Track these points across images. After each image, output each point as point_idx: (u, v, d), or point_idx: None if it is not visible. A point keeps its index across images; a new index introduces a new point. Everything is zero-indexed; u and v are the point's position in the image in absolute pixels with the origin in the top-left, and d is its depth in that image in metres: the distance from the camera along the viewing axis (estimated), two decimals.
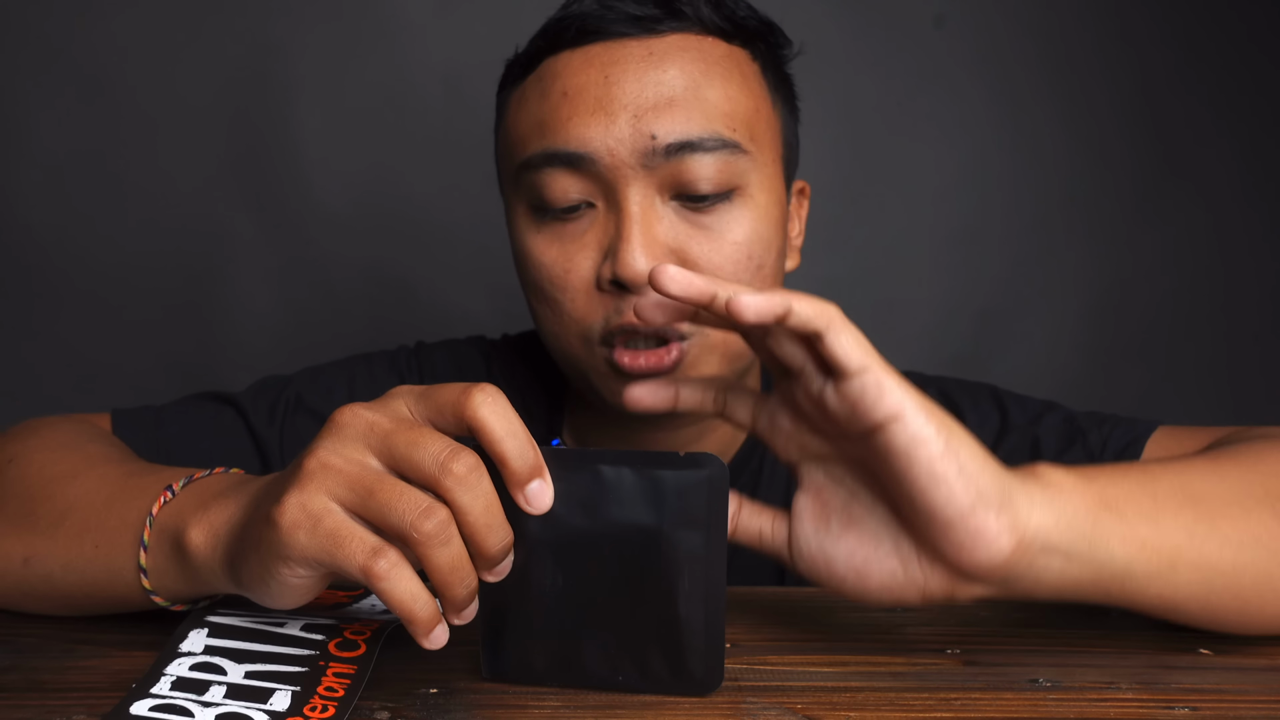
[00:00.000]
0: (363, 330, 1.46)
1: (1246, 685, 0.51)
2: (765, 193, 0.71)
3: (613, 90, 0.68)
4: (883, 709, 0.48)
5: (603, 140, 0.67)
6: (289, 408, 0.81)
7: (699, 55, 0.69)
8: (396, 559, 0.43)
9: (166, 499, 0.53)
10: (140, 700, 0.46)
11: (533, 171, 0.69)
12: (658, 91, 0.68)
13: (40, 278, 1.45)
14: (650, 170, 0.67)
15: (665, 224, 0.69)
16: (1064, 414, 0.78)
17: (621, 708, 0.48)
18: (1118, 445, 0.74)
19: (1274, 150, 1.54)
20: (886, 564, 0.50)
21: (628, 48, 0.69)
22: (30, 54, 1.41)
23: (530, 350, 0.86)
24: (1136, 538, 0.49)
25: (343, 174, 1.45)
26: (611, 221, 0.68)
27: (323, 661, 0.51)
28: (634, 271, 0.66)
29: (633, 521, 0.48)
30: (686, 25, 0.70)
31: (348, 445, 0.45)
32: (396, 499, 0.43)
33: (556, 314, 0.71)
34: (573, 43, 0.70)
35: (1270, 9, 1.51)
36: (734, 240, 0.69)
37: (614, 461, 0.48)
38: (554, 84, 0.69)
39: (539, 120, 0.70)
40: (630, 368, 0.68)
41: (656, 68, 0.68)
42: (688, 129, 0.67)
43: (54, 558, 0.56)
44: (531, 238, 0.71)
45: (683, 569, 0.48)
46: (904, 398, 0.46)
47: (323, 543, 0.44)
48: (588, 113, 0.67)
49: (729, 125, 0.69)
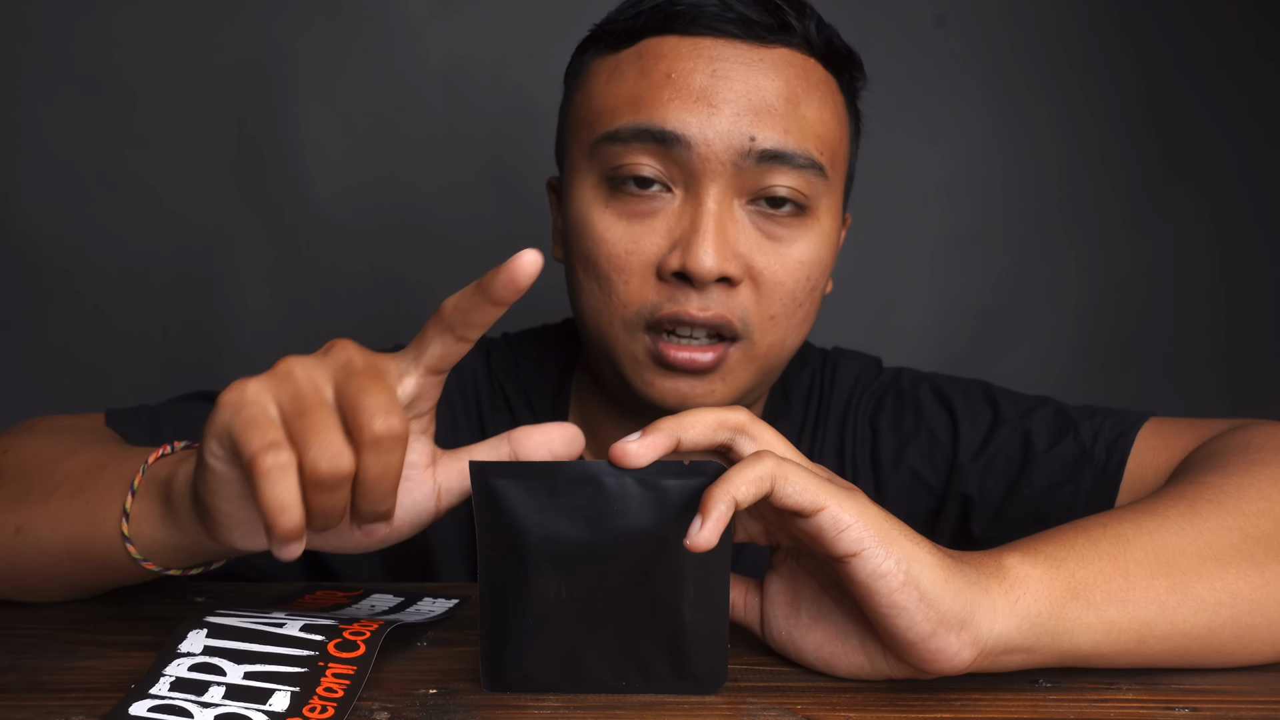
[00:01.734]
0: (362, 331, 1.46)
1: (1246, 685, 0.51)
2: (830, 218, 0.73)
3: (719, 84, 0.68)
4: (882, 709, 0.48)
5: (701, 129, 0.67)
6: None
7: (802, 73, 0.70)
8: (286, 462, 0.42)
9: (165, 453, 0.55)
10: (139, 701, 0.46)
11: (619, 144, 0.69)
12: (761, 97, 0.68)
13: (38, 279, 1.45)
14: (738, 170, 0.68)
15: (739, 227, 0.69)
16: (1055, 407, 0.79)
17: (622, 708, 0.48)
18: (1109, 437, 0.74)
19: (1274, 150, 1.54)
20: (854, 658, 0.51)
21: (736, 49, 0.69)
22: (30, 54, 1.41)
23: (533, 348, 0.86)
24: (1103, 622, 0.50)
25: (342, 174, 1.45)
26: (687, 212, 0.69)
27: (322, 662, 0.51)
28: (704, 268, 0.66)
29: (637, 531, 0.48)
30: (792, 41, 0.70)
31: (317, 368, 0.46)
32: (317, 431, 0.43)
33: (605, 292, 0.71)
34: (682, 29, 0.70)
35: (1270, 9, 1.51)
36: (798, 259, 0.70)
37: (617, 472, 0.48)
38: (657, 64, 0.69)
39: (635, 95, 0.69)
40: (672, 359, 0.69)
41: (763, 74, 0.69)
42: (784, 140, 0.68)
43: (44, 521, 0.57)
44: (598, 211, 0.70)
45: (688, 576, 0.48)
46: (862, 534, 0.47)
47: (236, 423, 0.44)
48: (691, 99, 0.68)
49: (819, 147, 0.70)
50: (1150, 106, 1.51)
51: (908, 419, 0.81)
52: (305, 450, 0.43)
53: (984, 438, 0.79)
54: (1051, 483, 0.75)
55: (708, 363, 0.69)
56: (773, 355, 0.72)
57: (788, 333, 0.72)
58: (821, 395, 0.84)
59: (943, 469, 0.79)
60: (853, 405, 0.83)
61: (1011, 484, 0.77)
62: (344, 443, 0.43)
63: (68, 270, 1.45)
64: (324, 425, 0.43)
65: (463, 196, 1.44)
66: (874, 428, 0.82)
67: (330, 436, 0.43)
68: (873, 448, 0.82)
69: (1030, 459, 0.76)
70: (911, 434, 0.81)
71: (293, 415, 0.44)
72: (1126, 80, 1.51)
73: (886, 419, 0.82)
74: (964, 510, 0.79)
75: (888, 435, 0.81)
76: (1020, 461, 0.77)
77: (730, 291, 0.69)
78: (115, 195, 1.43)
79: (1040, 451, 0.76)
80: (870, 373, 0.85)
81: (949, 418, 0.80)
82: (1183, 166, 1.53)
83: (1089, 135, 1.51)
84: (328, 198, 1.45)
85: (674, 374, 0.70)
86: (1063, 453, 0.75)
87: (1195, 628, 0.51)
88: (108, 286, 1.45)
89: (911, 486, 0.80)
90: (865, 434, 0.82)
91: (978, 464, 0.78)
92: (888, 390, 0.83)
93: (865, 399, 0.83)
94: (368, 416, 0.43)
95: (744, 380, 0.72)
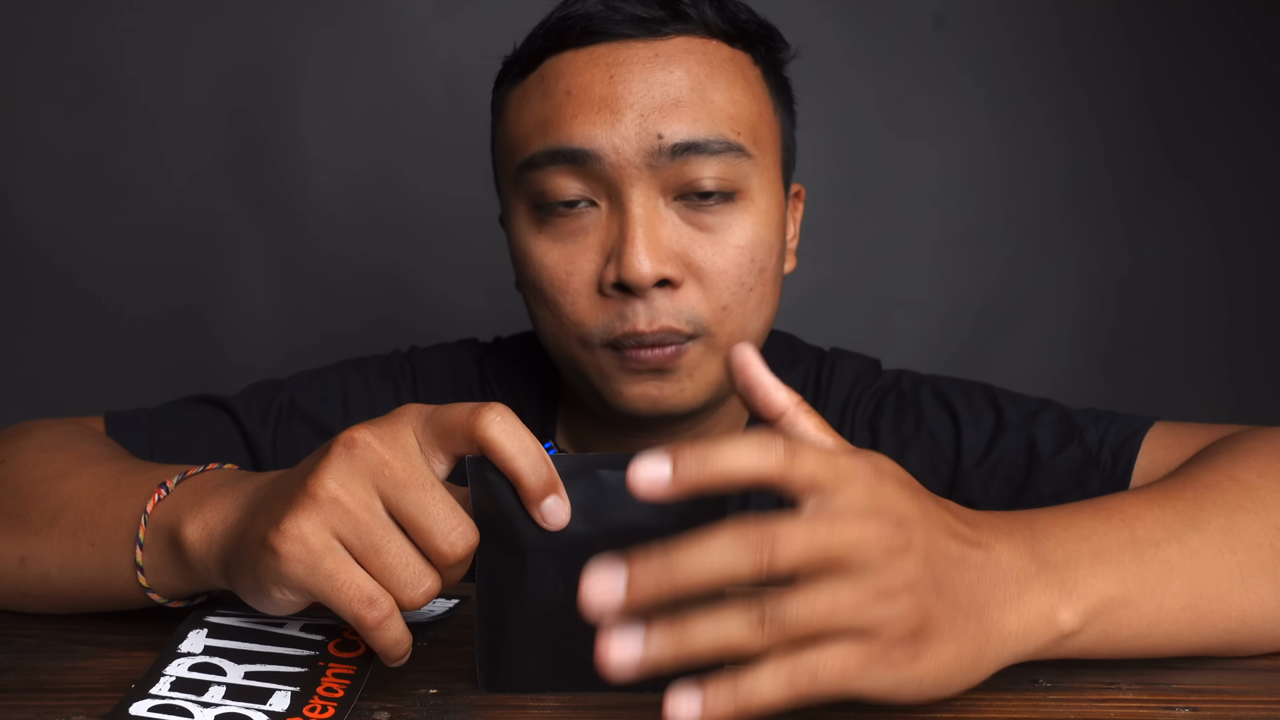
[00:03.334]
0: (361, 330, 1.46)
1: (1246, 685, 0.51)
2: (766, 196, 0.71)
3: (619, 90, 0.67)
4: (883, 709, 0.48)
5: (608, 138, 0.67)
6: (282, 412, 0.81)
7: (704, 58, 0.69)
8: (388, 609, 0.45)
9: (161, 496, 0.54)
10: (139, 701, 0.46)
11: (535, 170, 0.69)
12: (664, 92, 0.67)
13: (38, 277, 1.45)
14: (655, 170, 0.67)
15: (669, 226, 0.68)
16: (1060, 411, 0.78)
17: (622, 708, 0.48)
18: (1115, 443, 0.74)
19: (1274, 150, 1.54)
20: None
21: (633, 49, 0.68)
22: (30, 54, 1.41)
23: (524, 352, 0.85)
24: (1115, 644, 0.49)
25: (342, 174, 1.45)
26: (615, 223, 0.68)
27: (322, 662, 0.51)
28: (638, 274, 0.66)
29: (634, 525, 0.48)
30: (690, 28, 0.69)
31: (356, 481, 0.45)
32: (401, 568, 0.45)
33: (556, 317, 0.71)
34: (576, 43, 0.69)
35: (1270, 9, 1.51)
36: (736, 244, 0.69)
37: (613, 465, 0.48)
38: (557, 83, 0.69)
39: (542, 119, 0.69)
40: (636, 357, 0.69)
41: (662, 69, 0.68)
42: (694, 130, 0.67)
43: (50, 557, 0.56)
44: (532, 239, 0.71)
45: None
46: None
47: (320, 582, 0.45)
48: (593, 111, 0.67)
49: (734, 129, 0.69)
50: (1150, 106, 1.51)
51: (908, 422, 0.80)
52: (398, 591, 0.45)
53: (988, 443, 0.77)
54: (1057, 489, 0.74)
55: (668, 356, 0.69)
56: (736, 344, 0.71)
57: (745, 319, 0.71)
58: (817, 396, 0.83)
59: (944, 474, 0.78)
60: (850, 407, 0.82)
61: (1016, 490, 0.76)
62: (424, 565, 0.46)
63: (67, 268, 1.45)
64: (403, 559, 0.45)
65: (463, 196, 1.44)
66: (874, 430, 0.81)
67: (413, 568, 0.45)
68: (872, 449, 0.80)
69: (1035, 465, 0.75)
70: (912, 437, 0.79)
71: (365, 552, 0.45)
72: (1126, 80, 1.51)
73: (887, 422, 0.81)
74: None
75: (888, 438, 0.80)
76: (1025, 467, 0.76)
77: (674, 294, 0.68)
78: (115, 194, 1.44)
79: (1046, 458, 0.75)
80: (869, 374, 0.84)
81: (951, 422, 0.79)
82: (1183, 166, 1.53)
83: (1089, 135, 1.51)
84: (327, 197, 1.45)
85: (641, 377, 0.70)
86: (1068, 459, 0.74)
87: (1209, 648, 0.52)
88: (107, 285, 1.45)
89: None
90: (864, 437, 0.81)
91: (982, 469, 0.77)
92: (888, 392, 0.82)
93: (864, 401, 0.82)
94: (445, 543, 0.45)
95: (712, 375, 0.71)
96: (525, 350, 0.85)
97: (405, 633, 0.46)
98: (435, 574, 0.46)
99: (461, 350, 0.87)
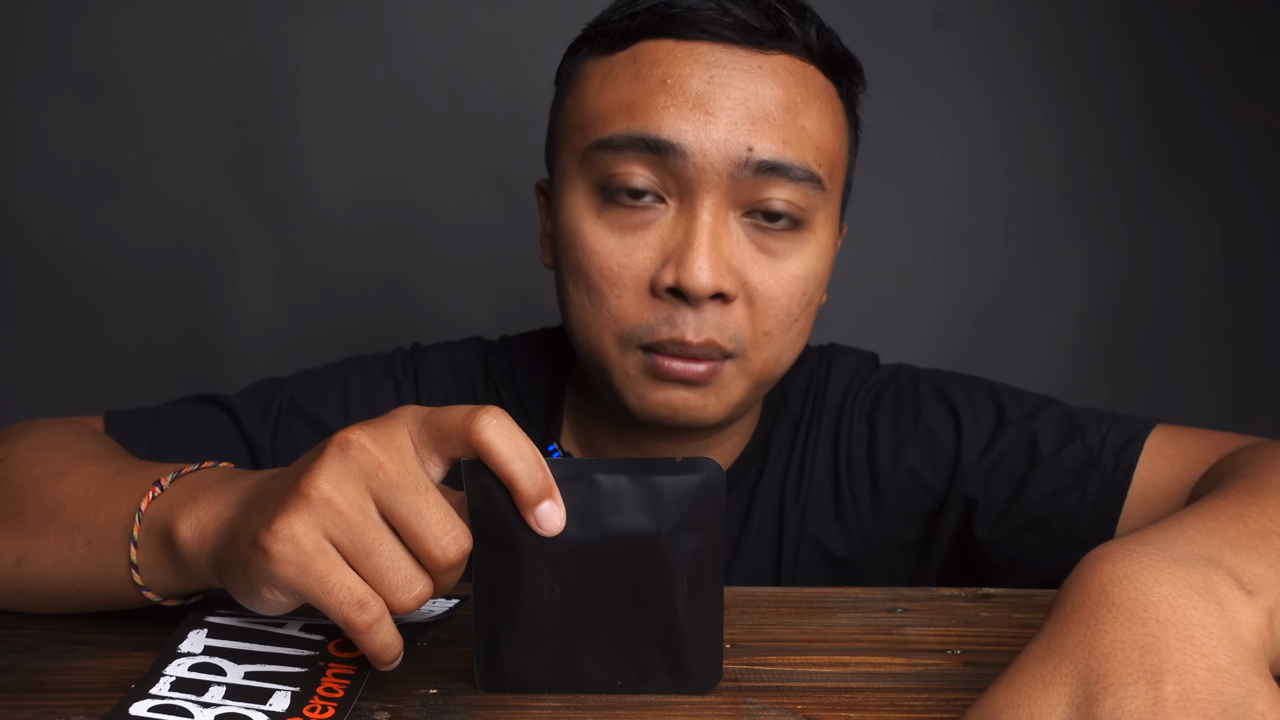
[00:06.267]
0: (362, 331, 1.46)
1: None
2: (827, 230, 0.71)
3: (717, 92, 0.66)
4: (883, 709, 0.48)
5: (697, 138, 0.65)
6: (282, 411, 0.80)
7: (802, 80, 0.68)
8: (379, 612, 0.45)
9: (155, 494, 0.53)
10: (139, 701, 0.46)
11: (611, 152, 0.67)
12: (760, 106, 0.66)
13: (37, 279, 1.45)
14: (734, 181, 0.66)
15: (734, 240, 0.67)
16: (1061, 409, 0.78)
17: (621, 708, 0.48)
18: (1117, 443, 0.74)
19: (1274, 150, 1.54)
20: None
21: (735, 54, 0.67)
22: (30, 54, 1.41)
23: (531, 352, 0.85)
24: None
25: (342, 175, 1.45)
26: (681, 225, 0.67)
27: (322, 662, 0.51)
28: (699, 284, 0.65)
29: (631, 529, 0.48)
30: (792, 48, 0.68)
31: (350, 482, 0.45)
32: (392, 571, 0.45)
33: (596, 306, 0.69)
34: (678, 34, 0.67)
35: (1270, 9, 1.51)
36: (793, 273, 0.69)
37: (610, 470, 0.48)
38: (652, 69, 0.67)
39: (629, 101, 0.67)
40: (667, 369, 0.68)
41: (762, 82, 0.66)
42: (783, 152, 0.66)
43: (47, 556, 0.56)
44: (589, 221, 0.68)
45: (682, 573, 0.48)
46: None
47: (310, 584, 0.44)
48: (687, 107, 0.66)
49: (817, 159, 0.68)
50: (1150, 106, 1.51)
51: (907, 416, 0.80)
52: (389, 595, 0.45)
53: (989, 438, 0.77)
54: (1058, 487, 0.75)
55: (702, 373, 0.68)
56: (768, 370, 0.71)
57: (783, 349, 0.71)
58: (816, 393, 0.83)
59: (943, 469, 0.78)
60: (848, 401, 0.82)
61: (1017, 487, 0.76)
62: (416, 569, 0.45)
63: (67, 271, 1.45)
64: (395, 562, 0.45)
65: (463, 197, 1.44)
66: (871, 424, 0.80)
67: (405, 572, 0.45)
68: (869, 444, 0.80)
69: (1036, 462, 0.75)
70: (911, 432, 0.79)
71: (357, 555, 0.45)
72: (1126, 80, 1.51)
73: (885, 415, 0.80)
74: (966, 511, 0.78)
75: (886, 432, 0.80)
76: (1026, 464, 0.76)
77: (724, 309, 0.67)
78: (115, 195, 1.44)
79: (1047, 455, 0.75)
80: (867, 368, 0.84)
81: (951, 417, 0.79)
82: (1183, 166, 1.53)
83: (1089, 135, 1.51)
84: (327, 198, 1.45)
85: (667, 384, 0.69)
86: (1069, 457, 0.74)
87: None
88: (107, 287, 1.45)
89: (910, 486, 0.79)
90: (862, 430, 0.81)
91: (982, 465, 0.77)
92: (886, 386, 0.82)
93: (862, 394, 0.82)
94: (438, 548, 0.45)
95: (737, 394, 0.70)
96: (532, 350, 0.85)
97: (396, 637, 0.46)
98: (427, 578, 0.46)
99: (466, 349, 0.86)
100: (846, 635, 0.57)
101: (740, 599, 0.62)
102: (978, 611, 0.61)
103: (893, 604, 0.62)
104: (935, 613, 0.61)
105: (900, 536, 0.80)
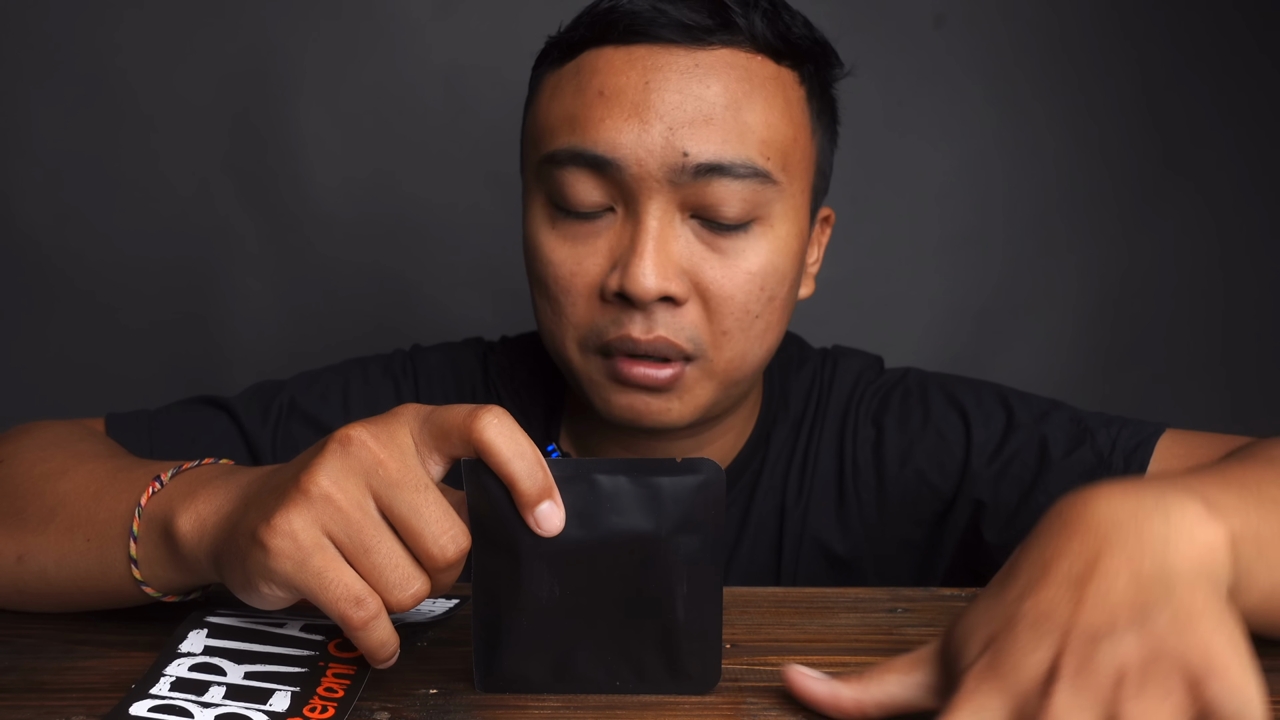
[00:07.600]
0: (362, 331, 1.46)
1: None
2: (787, 223, 0.70)
3: (651, 98, 0.66)
4: None
5: (633, 148, 0.65)
6: (283, 412, 0.80)
7: (744, 74, 0.67)
8: (375, 609, 0.45)
9: (155, 489, 0.54)
10: (139, 701, 0.46)
11: (556, 167, 0.68)
12: (697, 107, 0.66)
13: (38, 279, 1.45)
14: (675, 186, 0.66)
15: (681, 243, 0.67)
16: (1070, 413, 0.78)
17: (621, 708, 0.48)
18: (1126, 447, 0.73)
19: (1274, 150, 1.54)
20: None
21: (673, 55, 0.67)
22: (30, 54, 1.41)
23: (529, 353, 0.85)
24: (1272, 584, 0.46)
25: (342, 175, 1.45)
26: (627, 232, 0.67)
27: (322, 662, 0.51)
28: (641, 288, 0.65)
29: (631, 529, 0.48)
30: (737, 40, 0.67)
31: (350, 479, 0.45)
32: (390, 568, 0.45)
33: (556, 313, 0.70)
34: (618, 39, 0.67)
35: (1270, 9, 1.51)
36: (748, 270, 0.68)
37: (610, 470, 0.48)
38: (591, 79, 0.67)
39: (571, 114, 0.68)
40: (628, 374, 0.68)
41: (699, 81, 0.66)
42: (721, 151, 0.66)
43: (47, 554, 0.56)
44: (544, 232, 0.70)
45: (681, 573, 0.48)
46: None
47: (307, 579, 0.44)
48: (622, 117, 0.66)
49: (763, 153, 0.67)
50: (1150, 106, 1.51)
51: (915, 418, 0.79)
52: (386, 592, 0.45)
53: (999, 441, 0.77)
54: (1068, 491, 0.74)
55: (664, 379, 0.68)
56: (733, 370, 0.70)
57: (746, 347, 0.70)
58: (820, 394, 0.83)
59: (952, 472, 0.78)
60: (854, 403, 0.81)
61: (1026, 490, 0.75)
62: (414, 567, 0.46)
63: (67, 269, 1.45)
64: (393, 560, 0.45)
65: (463, 196, 1.44)
66: (879, 425, 0.80)
67: (403, 570, 0.45)
68: (876, 445, 0.80)
69: (1046, 466, 0.75)
70: (919, 434, 0.79)
71: (355, 551, 0.45)
72: (1126, 80, 1.51)
73: (893, 417, 0.80)
74: (975, 514, 0.77)
75: (894, 433, 0.79)
76: (1036, 468, 0.75)
77: (676, 311, 0.67)
78: (115, 195, 1.44)
79: (1057, 458, 0.75)
80: (872, 370, 0.84)
81: (960, 419, 0.78)
82: (1183, 166, 1.53)
83: (1089, 135, 1.51)
84: (327, 197, 1.45)
85: (630, 389, 0.69)
86: (1079, 461, 0.74)
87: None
88: (108, 285, 1.45)
89: (917, 488, 0.78)
90: (868, 432, 0.80)
91: (992, 468, 0.76)
92: (894, 388, 0.82)
93: (868, 396, 0.81)
94: (436, 546, 0.45)
95: (704, 398, 0.70)
96: (531, 350, 0.85)
97: (392, 634, 0.46)
98: (425, 576, 0.46)
99: (466, 349, 0.87)
100: (846, 635, 0.57)
101: (740, 599, 0.62)
102: None
103: (893, 604, 0.62)
104: (935, 613, 0.61)
105: (905, 537, 0.80)
